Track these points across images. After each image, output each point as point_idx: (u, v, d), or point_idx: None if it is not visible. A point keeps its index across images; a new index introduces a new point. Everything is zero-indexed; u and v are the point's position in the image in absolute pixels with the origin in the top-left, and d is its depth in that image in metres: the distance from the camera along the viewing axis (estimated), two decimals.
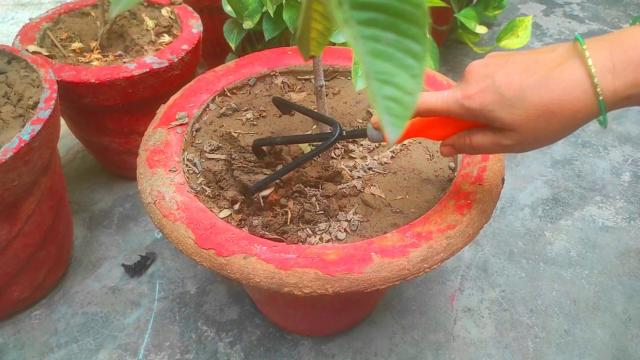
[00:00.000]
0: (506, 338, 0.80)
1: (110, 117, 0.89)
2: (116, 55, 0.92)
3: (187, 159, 0.64)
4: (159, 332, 0.81)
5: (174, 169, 0.60)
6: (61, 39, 0.93)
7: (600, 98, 0.37)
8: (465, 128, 0.48)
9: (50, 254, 0.81)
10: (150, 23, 0.95)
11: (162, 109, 0.69)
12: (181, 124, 0.66)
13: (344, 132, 0.55)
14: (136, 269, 0.88)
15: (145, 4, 1.02)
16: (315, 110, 0.64)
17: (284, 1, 0.89)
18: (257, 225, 0.55)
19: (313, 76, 0.62)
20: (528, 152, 1.15)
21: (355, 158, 0.67)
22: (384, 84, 0.18)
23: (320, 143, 0.56)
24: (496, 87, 0.41)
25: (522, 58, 0.41)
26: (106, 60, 0.90)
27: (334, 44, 0.84)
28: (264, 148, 0.64)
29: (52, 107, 0.69)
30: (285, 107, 0.68)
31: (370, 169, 0.64)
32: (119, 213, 1.01)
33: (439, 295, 0.86)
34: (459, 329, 0.81)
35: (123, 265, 0.89)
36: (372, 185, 0.61)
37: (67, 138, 1.16)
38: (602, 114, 0.38)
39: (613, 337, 0.80)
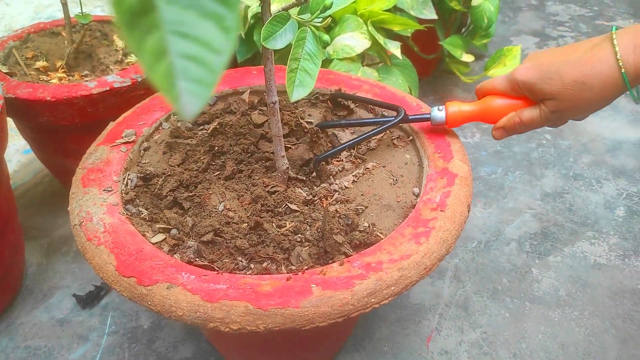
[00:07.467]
0: None
1: (71, 137, 0.85)
2: (82, 75, 0.89)
3: (128, 179, 0.59)
4: None
5: (109, 189, 0.55)
6: (26, 58, 0.90)
7: (623, 71, 0.47)
8: (514, 110, 0.56)
9: None
10: (119, 43, 0.93)
11: (110, 126, 0.65)
12: (126, 142, 0.62)
13: (409, 116, 0.60)
14: (87, 300, 0.82)
15: None
16: (376, 99, 0.68)
17: (251, 22, 0.86)
18: (190, 247, 0.49)
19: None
20: (516, 184, 1.09)
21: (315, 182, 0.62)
22: (180, 37, 0.13)
23: (384, 120, 0.61)
24: (539, 65, 0.52)
25: (564, 47, 0.53)
26: (69, 80, 0.87)
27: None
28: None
29: None
30: (339, 103, 0.70)
31: (329, 193, 0.59)
32: None
33: (413, 335, 0.79)
34: None
35: (74, 295, 0.83)
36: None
37: (36, 161, 1.12)
38: (627, 87, 0.48)
39: None
